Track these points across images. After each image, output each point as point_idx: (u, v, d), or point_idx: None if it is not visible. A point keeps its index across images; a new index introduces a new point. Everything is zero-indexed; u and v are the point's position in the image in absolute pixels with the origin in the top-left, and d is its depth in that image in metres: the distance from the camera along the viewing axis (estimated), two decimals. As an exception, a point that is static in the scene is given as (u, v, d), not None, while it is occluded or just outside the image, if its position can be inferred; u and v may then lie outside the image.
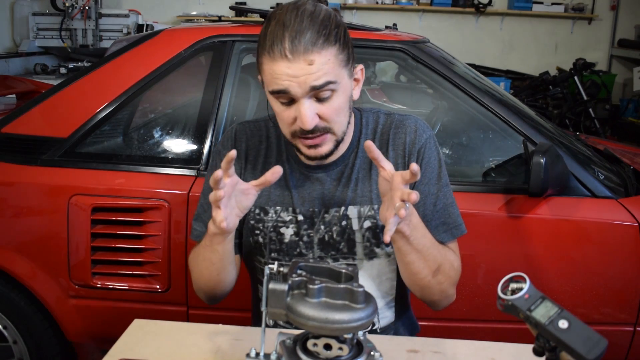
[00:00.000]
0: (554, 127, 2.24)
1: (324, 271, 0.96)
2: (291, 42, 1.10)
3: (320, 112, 1.15)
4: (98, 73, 2.03)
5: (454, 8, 6.52)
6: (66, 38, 5.61)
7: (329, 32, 1.13)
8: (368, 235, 1.27)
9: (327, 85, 1.13)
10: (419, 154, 1.28)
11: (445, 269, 1.23)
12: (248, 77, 2.28)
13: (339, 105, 1.17)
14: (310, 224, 1.29)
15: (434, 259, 1.21)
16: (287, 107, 1.17)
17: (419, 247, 1.17)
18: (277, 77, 1.12)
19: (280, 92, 1.14)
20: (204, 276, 1.26)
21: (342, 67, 1.16)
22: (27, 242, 1.89)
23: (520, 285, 0.85)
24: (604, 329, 1.80)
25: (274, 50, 1.11)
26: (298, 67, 1.11)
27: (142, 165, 1.92)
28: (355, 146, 1.31)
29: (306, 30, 1.11)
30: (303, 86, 1.12)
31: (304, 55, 1.10)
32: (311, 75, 1.11)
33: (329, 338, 0.91)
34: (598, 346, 0.77)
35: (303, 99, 1.13)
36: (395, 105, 3.13)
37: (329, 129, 1.18)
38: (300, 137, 1.19)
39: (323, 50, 1.12)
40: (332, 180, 1.29)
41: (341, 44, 1.15)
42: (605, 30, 6.69)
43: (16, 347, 1.94)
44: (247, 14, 5.61)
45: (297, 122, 1.16)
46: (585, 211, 1.82)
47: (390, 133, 1.31)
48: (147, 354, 1.12)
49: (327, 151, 1.21)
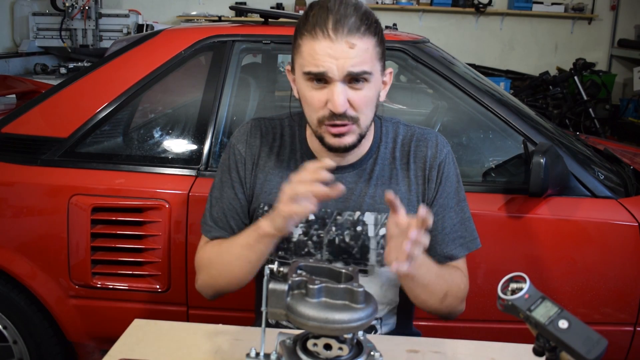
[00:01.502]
0: (554, 127, 2.24)
1: (324, 271, 0.96)
2: (335, 23, 1.13)
3: (351, 99, 1.16)
4: (98, 73, 2.03)
5: (454, 8, 6.51)
6: (66, 38, 5.61)
7: (371, 23, 1.16)
8: (383, 243, 1.27)
9: (363, 75, 1.15)
10: (439, 168, 1.30)
11: (453, 292, 1.26)
12: (248, 77, 2.28)
13: (370, 96, 1.19)
14: (321, 224, 1.28)
15: (441, 289, 1.23)
16: (318, 90, 1.17)
17: (424, 282, 1.19)
18: (318, 57, 1.14)
19: (317, 74, 1.15)
20: (232, 273, 1.26)
21: (377, 61, 1.18)
22: (27, 242, 1.88)
23: (520, 285, 0.85)
24: (604, 329, 1.79)
25: (316, 30, 1.14)
26: (339, 49, 1.13)
27: (142, 165, 1.91)
28: (375, 152, 1.31)
29: (350, 15, 1.14)
30: (341, 69, 1.13)
31: (347, 37, 1.13)
32: (350, 59, 1.13)
33: (329, 338, 0.91)
34: (598, 346, 0.77)
35: (338, 82, 1.15)
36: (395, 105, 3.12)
37: (356, 119, 1.19)
38: (327, 125, 1.19)
39: (364, 37, 1.14)
40: (348, 183, 1.28)
41: (379, 39, 1.19)
42: (605, 30, 6.69)
43: (16, 347, 1.94)
44: (247, 14, 5.61)
45: (329, 104, 1.16)
46: (585, 211, 1.82)
47: (412, 145, 1.32)
48: (147, 354, 1.12)
49: (350, 142, 1.21)
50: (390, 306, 1.34)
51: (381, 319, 1.33)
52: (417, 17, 6.63)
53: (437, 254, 1.29)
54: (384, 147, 1.32)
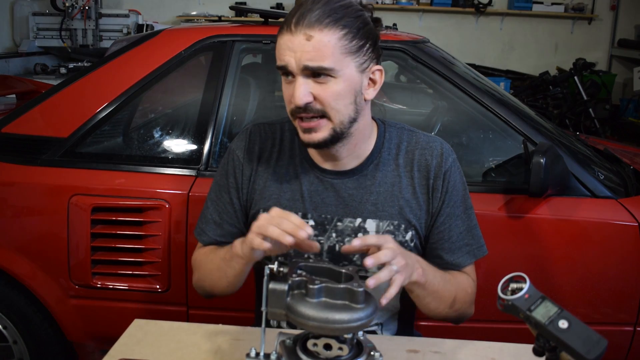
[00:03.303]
0: (554, 127, 2.24)
1: (324, 271, 0.96)
2: (298, 17, 1.12)
3: (315, 93, 1.14)
4: (98, 73, 2.03)
5: (454, 8, 6.52)
6: (66, 38, 5.60)
7: (341, 17, 1.13)
8: None
9: (322, 70, 1.12)
10: (444, 177, 1.28)
11: (461, 297, 1.26)
12: (248, 77, 2.28)
13: (337, 91, 1.14)
14: (321, 230, 1.26)
15: (450, 294, 1.23)
16: (288, 85, 1.17)
17: (434, 289, 1.19)
18: (280, 50, 1.14)
19: (280, 68, 1.15)
20: (212, 281, 1.27)
21: (345, 55, 1.13)
22: (27, 242, 1.88)
23: (520, 285, 0.85)
24: (604, 329, 1.79)
25: (283, 25, 1.14)
26: (297, 41, 1.11)
27: (142, 165, 1.91)
28: (376, 157, 1.28)
29: (316, 9, 1.12)
30: (298, 62, 1.12)
31: (305, 29, 1.11)
32: (306, 52, 1.11)
33: (329, 338, 0.91)
34: (598, 346, 0.77)
35: (298, 76, 1.13)
36: (395, 106, 3.12)
37: (323, 112, 1.15)
38: (297, 118, 1.18)
39: (326, 29, 1.11)
40: (349, 189, 1.27)
41: (351, 32, 1.13)
42: (605, 30, 6.69)
43: (16, 347, 1.94)
44: (247, 14, 5.61)
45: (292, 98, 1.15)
46: (585, 211, 1.82)
47: (416, 153, 1.29)
48: (147, 354, 1.12)
49: (321, 138, 1.18)
50: (391, 312, 1.34)
51: (382, 324, 1.33)
52: (417, 17, 6.63)
53: (445, 262, 1.29)
54: (386, 152, 1.29)
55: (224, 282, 1.24)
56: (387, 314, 1.33)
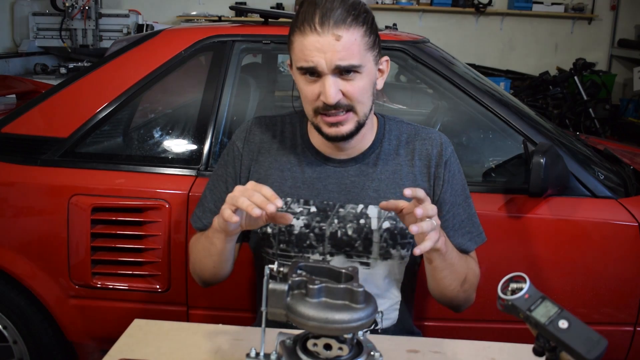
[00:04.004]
0: (554, 127, 2.24)
1: (324, 271, 0.96)
2: (321, 17, 1.16)
3: (344, 90, 1.19)
4: (98, 73, 2.03)
5: (454, 8, 6.52)
6: (66, 38, 5.60)
7: (358, 13, 1.18)
8: (386, 236, 1.29)
9: (352, 68, 1.17)
10: (446, 165, 1.33)
11: (470, 277, 1.30)
12: (248, 77, 2.28)
13: (363, 86, 1.21)
14: (323, 216, 1.30)
15: (462, 270, 1.27)
16: (312, 83, 1.20)
17: (451, 261, 1.22)
18: (307, 52, 1.17)
19: (308, 69, 1.18)
20: (201, 263, 1.31)
21: (367, 51, 1.20)
22: (27, 242, 1.88)
23: (520, 285, 0.85)
24: (604, 329, 1.79)
25: (304, 25, 1.17)
26: (326, 42, 1.15)
27: (142, 165, 1.91)
28: (378, 147, 1.33)
29: (337, 8, 1.16)
30: (329, 62, 1.16)
31: (333, 30, 1.15)
32: (338, 52, 1.15)
33: (329, 338, 0.91)
34: (598, 346, 0.77)
35: (328, 75, 1.17)
36: (395, 105, 3.12)
37: (351, 107, 1.21)
38: (322, 115, 1.22)
39: (351, 28, 1.16)
40: (351, 176, 1.31)
41: (368, 28, 1.20)
42: (605, 30, 6.69)
43: (16, 347, 1.94)
44: (247, 14, 5.60)
45: (321, 97, 1.19)
46: (585, 211, 1.82)
47: (417, 143, 1.34)
48: (147, 354, 1.12)
49: (348, 131, 1.24)
50: (391, 301, 1.35)
51: (382, 312, 1.33)
52: (417, 17, 6.63)
53: None
54: (387, 143, 1.34)
55: (209, 263, 1.28)
56: (387, 303, 1.34)
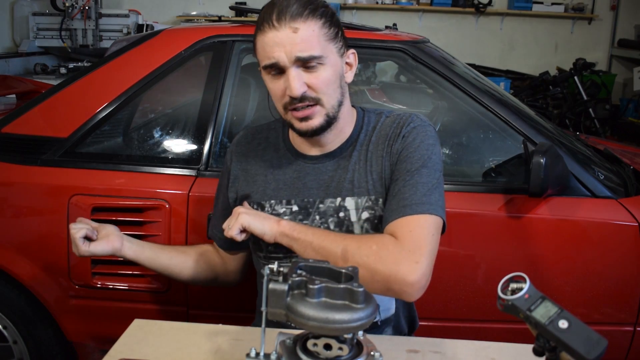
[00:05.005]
0: (554, 127, 2.24)
1: (324, 271, 0.96)
2: (278, 13, 1.19)
3: (308, 82, 1.21)
4: (98, 73, 2.03)
5: (454, 8, 6.51)
6: (66, 38, 5.60)
7: (315, 7, 1.21)
8: (367, 227, 1.28)
9: (312, 59, 1.19)
10: (402, 138, 1.28)
11: (351, 251, 1.17)
12: (248, 77, 2.27)
13: (327, 77, 1.22)
14: (305, 214, 1.31)
15: (333, 249, 1.18)
16: (277, 80, 1.23)
17: (306, 244, 1.21)
18: (267, 48, 1.20)
19: (271, 65, 1.21)
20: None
21: (328, 42, 1.22)
22: (27, 242, 1.88)
23: (520, 285, 0.85)
24: (604, 329, 1.80)
25: (263, 25, 1.21)
26: (284, 35, 1.18)
27: (142, 165, 1.91)
28: (354, 140, 1.34)
29: (292, 4, 1.20)
30: (289, 55, 1.18)
31: (290, 23, 1.18)
32: (296, 44, 1.18)
33: (329, 338, 0.91)
34: (598, 346, 0.77)
35: (291, 68, 1.19)
36: (395, 105, 3.12)
37: (317, 99, 1.23)
38: (291, 110, 1.23)
39: (308, 20, 1.19)
40: (329, 171, 1.32)
41: (327, 20, 1.22)
42: (605, 30, 6.69)
43: (16, 347, 1.94)
44: (247, 14, 5.60)
45: (287, 91, 1.21)
46: (585, 211, 1.82)
47: (389, 129, 1.33)
48: (147, 354, 1.12)
49: (318, 124, 1.25)
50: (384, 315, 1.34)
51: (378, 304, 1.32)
52: (417, 17, 6.63)
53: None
54: (363, 134, 1.34)
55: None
56: (381, 316, 1.33)
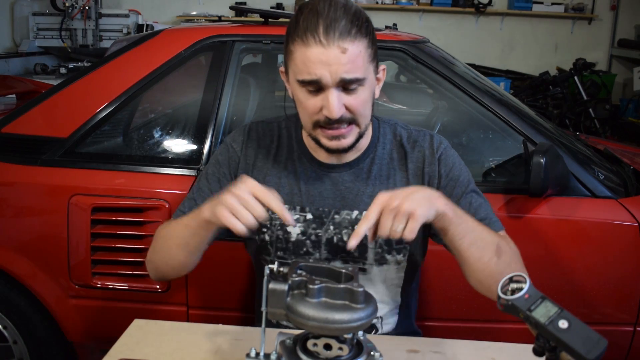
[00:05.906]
0: (554, 127, 2.24)
1: (324, 271, 0.96)
2: (326, 28, 1.11)
3: (347, 104, 1.16)
4: (98, 73, 2.03)
5: (454, 8, 6.52)
6: (66, 38, 5.61)
7: (361, 24, 1.14)
8: (380, 242, 1.28)
9: (355, 82, 1.14)
10: (439, 161, 1.30)
11: (503, 246, 1.18)
12: (248, 77, 2.28)
13: (365, 98, 1.18)
14: (319, 223, 1.28)
15: (489, 237, 1.16)
16: (313, 96, 1.16)
17: (469, 225, 1.13)
18: (310, 64, 1.12)
19: (311, 82, 1.14)
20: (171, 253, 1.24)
21: (370, 63, 1.17)
22: (27, 242, 1.88)
23: (520, 285, 0.85)
24: (604, 329, 1.79)
25: (307, 36, 1.12)
26: (332, 54, 1.11)
27: (142, 165, 1.91)
28: (372, 152, 1.31)
29: (340, 18, 1.12)
30: (334, 76, 1.12)
31: (338, 42, 1.11)
32: (343, 65, 1.11)
33: (329, 338, 0.91)
34: (598, 346, 0.77)
35: (332, 88, 1.14)
36: (395, 106, 3.12)
37: (354, 120, 1.19)
38: (322, 128, 1.19)
39: (356, 40, 1.12)
40: (346, 182, 1.29)
41: (370, 39, 1.17)
42: (605, 30, 6.69)
43: (16, 347, 1.94)
44: (247, 14, 5.60)
45: (324, 111, 1.15)
46: (585, 211, 1.82)
47: (408, 147, 1.32)
48: (147, 354, 1.12)
49: (349, 143, 1.21)
50: (390, 306, 1.34)
51: (382, 317, 1.33)
52: (417, 17, 6.63)
53: None
54: (381, 147, 1.32)
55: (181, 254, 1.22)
56: (386, 308, 1.33)
